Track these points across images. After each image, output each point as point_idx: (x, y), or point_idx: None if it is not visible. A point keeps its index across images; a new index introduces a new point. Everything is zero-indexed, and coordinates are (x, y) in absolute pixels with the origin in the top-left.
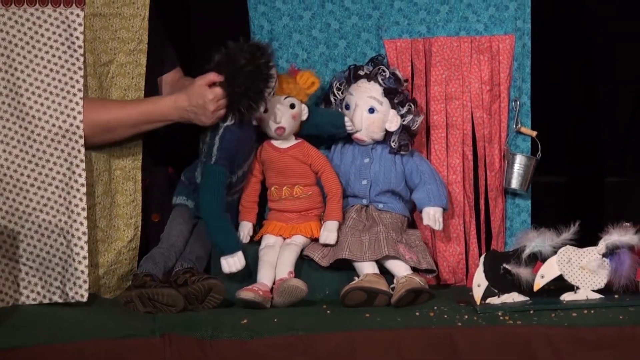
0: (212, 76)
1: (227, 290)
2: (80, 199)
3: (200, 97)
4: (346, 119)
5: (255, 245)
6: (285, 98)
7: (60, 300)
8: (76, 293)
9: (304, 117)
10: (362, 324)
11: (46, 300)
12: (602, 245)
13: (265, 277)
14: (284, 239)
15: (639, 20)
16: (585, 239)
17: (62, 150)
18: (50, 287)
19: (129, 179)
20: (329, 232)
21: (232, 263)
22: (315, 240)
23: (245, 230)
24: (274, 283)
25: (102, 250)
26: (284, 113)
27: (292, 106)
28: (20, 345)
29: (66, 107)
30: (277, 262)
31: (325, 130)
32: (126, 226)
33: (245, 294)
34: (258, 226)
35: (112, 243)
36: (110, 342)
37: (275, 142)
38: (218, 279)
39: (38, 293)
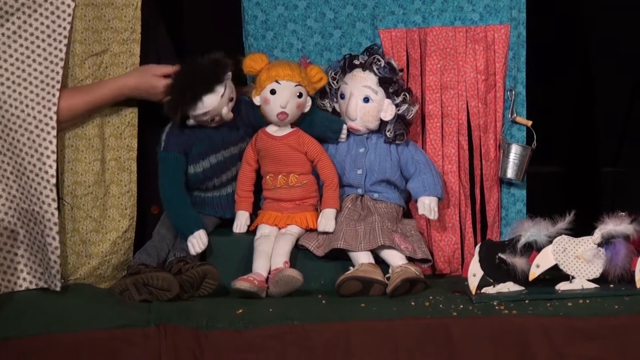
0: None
1: (222, 276)
2: (51, 190)
3: (154, 65)
4: (344, 128)
5: (251, 235)
6: (296, 85)
7: (45, 286)
8: (52, 282)
9: (306, 109)
10: (357, 314)
11: (33, 286)
12: (597, 235)
13: (260, 267)
14: (279, 228)
15: (635, 10)
16: (581, 229)
17: (34, 141)
18: (35, 273)
19: (124, 169)
20: (327, 220)
21: (195, 243)
22: (310, 230)
23: (243, 219)
24: (269, 273)
25: (96, 241)
26: (291, 99)
27: (300, 95)
28: (14, 336)
29: (43, 98)
30: (273, 252)
31: (319, 130)
32: (121, 217)
33: (241, 284)
34: (254, 215)
35: (106, 233)
36: (105, 332)
37: (270, 130)
38: (212, 265)
39: (24, 279)
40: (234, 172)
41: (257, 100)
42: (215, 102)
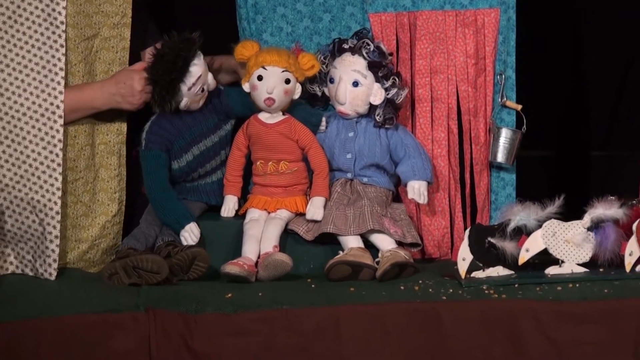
0: (141, 64)
1: (211, 260)
2: (56, 178)
3: (128, 80)
4: (323, 120)
5: (239, 219)
6: (283, 71)
7: (31, 274)
8: (45, 270)
9: (296, 95)
10: (346, 298)
11: (19, 271)
12: (587, 219)
13: (250, 251)
14: (269, 213)
15: None
16: (570, 213)
17: (40, 129)
18: (22, 259)
19: (113, 153)
20: (315, 209)
21: (188, 237)
22: (300, 214)
23: (231, 203)
24: (258, 257)
25: (85, 225)
26: (277, 85)
27: (287, 81)
28: (4, 320)
29: (47, 85)
30: (262, 236)
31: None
32: (110, 200)
33: (231, 268)
34: (243, 200)
35: (96, 217)
36: (94, 316)
37: (262, 117)
38: (201, 248)
39: (11, 263)
40: (217, 161)
41: (246, 87)
42: (202, 66)
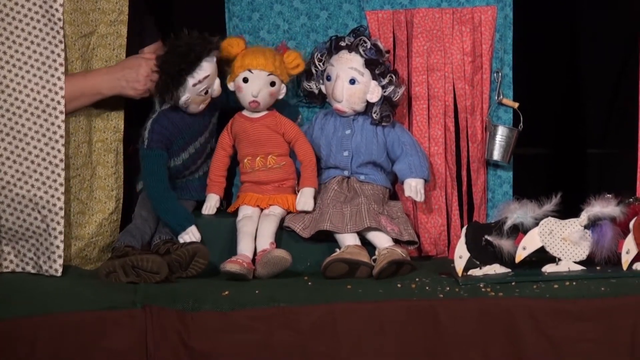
0: (151, 53)
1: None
2: (59, 174)
3: (135, 65)
4: (299, 118)
5: (232, 217)
6: (269, 75)
7: (33, 271)
8: (50, 267)
9: (281, 96)
10: (343, 296)
11: (19, 269)
12: (584, 217)
13: (246, 248)
14: (262, 209)
15: None
16: (567, 211)
17: (41, 125)
18: (23, 257)
19: (110, 151)
20: (306, 199)
21: (188, 239)
22: (291, 213)
23: (212, 201)
24: (254, 254)
25: (82, 223)
26: (263, 88)
27: (273, 84)
28: (0, 319)
29: (47, 81)
30: (258, 233)
31: None
32: (107, 198)
33: (231, 266)
34: (225, 201)
35: (92, 215)
36: (91, 313)
37: (247, 113)
38: (201, 244)
39: (11, 261)
40: (205, 154)
41: (231, 86)
42: (213, 67)
